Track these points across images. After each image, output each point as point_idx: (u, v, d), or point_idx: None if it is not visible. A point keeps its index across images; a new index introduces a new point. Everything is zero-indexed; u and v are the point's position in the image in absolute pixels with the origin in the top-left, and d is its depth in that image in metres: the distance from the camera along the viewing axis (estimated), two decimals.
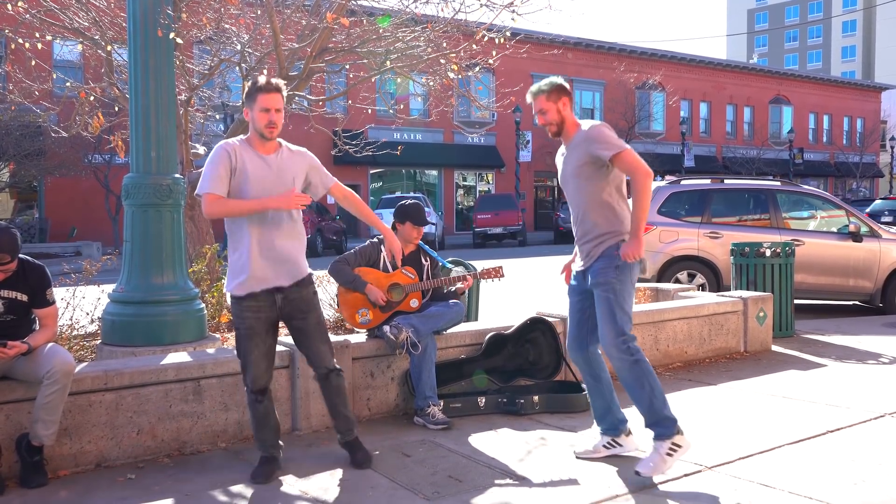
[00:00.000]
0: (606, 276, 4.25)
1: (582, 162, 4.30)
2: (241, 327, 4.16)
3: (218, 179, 4.03)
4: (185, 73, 8.13)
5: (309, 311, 4.25)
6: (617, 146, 4.21)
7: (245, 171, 4.08)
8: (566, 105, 4.37)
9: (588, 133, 4.29)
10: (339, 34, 7.87)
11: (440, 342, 5.49)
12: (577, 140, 4.34)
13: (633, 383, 4.23)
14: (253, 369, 4.18)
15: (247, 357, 4.18)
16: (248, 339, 4.15)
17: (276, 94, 4.08)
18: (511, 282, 5.76)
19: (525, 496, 3.94)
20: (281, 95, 4.11)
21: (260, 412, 4.24)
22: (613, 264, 4.26)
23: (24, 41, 7.77)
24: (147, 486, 4.11)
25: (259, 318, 4.15)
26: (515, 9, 7.19)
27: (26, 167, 25.07)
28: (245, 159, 4.10)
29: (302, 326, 4.25)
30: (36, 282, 4.24)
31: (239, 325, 4.18)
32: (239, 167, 4.08)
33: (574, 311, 4.51)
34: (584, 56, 41.23)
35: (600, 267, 4.29)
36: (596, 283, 4.29)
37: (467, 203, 39.02)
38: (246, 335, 4.15)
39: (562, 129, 4.39)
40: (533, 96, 4.42)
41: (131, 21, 5.68)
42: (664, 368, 6.76)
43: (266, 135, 4.09)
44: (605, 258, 4.30)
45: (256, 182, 4.08)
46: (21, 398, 4.18)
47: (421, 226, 5.45)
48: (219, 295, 7.22)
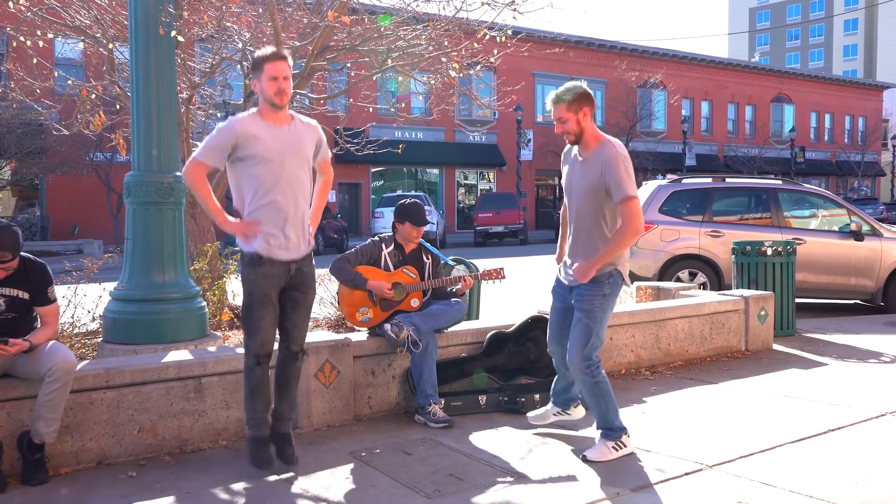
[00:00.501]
0: (592, 302, 4.39)
1: (595, 183, 4.32)
2: (255, 292, 4.12)
3: (210, 150, 4.07)
4: (186, 71, 8.13)
5: (311, 288, 4.31)
6: (628, 193, 4.22)
7: (258, 139, 4.06)
8: (587, 115, 4.34)
9: (609, 162, 4.24)
10: (341, 32, 7.87)
11: (441, 341, 5.49)
12: (596, 158, 4.32)
13: (591, 399, 4.53)
14: (262, 333, 4.14)
15: (257, 322, 4.12)
16: (261, 306, 4.12)
17: (283, 62, 4.08)
18: (512, 280, 5.76)
19: (526, 494, 3.94)
20: (287, 64, 4.11)
21: (257, 378, 4.19)
22: (601, 292, 4.40)
23: (26, 39, 7.76)
24: (148, 484, 4.11)
25: (273, 285, 4.14)
26: (517, 7, 7.19)
27: (28, 165, 25.11)
28: (255, 130, 4.08)
29: (300, 300, 4.26)
30: (37, 280, 4.24)
31: (252, 290, 4.13)
32: (244, 138, 4.05)
33: (556, 310, 4.69)
34: (585, 54, 41.21)
35: (588, 292, 4.40)
36: (579, 307, 4.42)
37: (468, 202, 39.02)
38: (259, 301, 4.11)
39: (580, 139, 4.38)
40: (553, 104, 4.37)
41: (133, 19, 5.67)
42: (665, 367, 6.76)
43: (276, 102, 4.08)
44: (594, 284, 4.40)
45: (270, 149, 4.07)
46: (22, 396, 4.18)
47: (420, 226, 5.45)
48: (220, 293, 7.22)
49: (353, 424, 5.12)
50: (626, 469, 4.28)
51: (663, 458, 4.44)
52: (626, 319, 6.67)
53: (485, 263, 6.45)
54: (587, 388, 4.47)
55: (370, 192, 35.65)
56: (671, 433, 4.89)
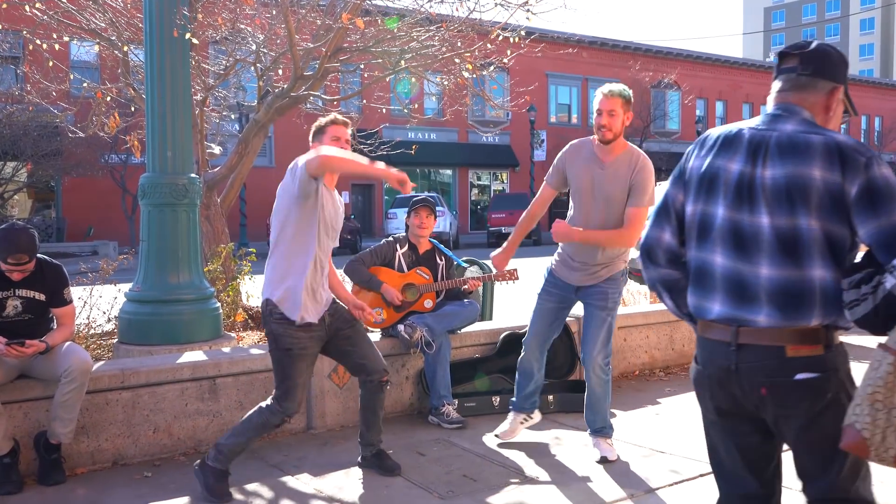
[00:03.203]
0: (615, 300, 4.45)
1: (621, 189, 4.31)
2: (295, 347, 3.90)
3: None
4: (200, 73, 8.16)
5: (354, 320, 4.22)
6: (647, 203, 4.29)
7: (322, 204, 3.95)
8: (629, 120, 4.36)
9: (645, 168, 4.31)
10: (354, 34, 7.87)
11: (455, 341, 5.49)
12: (625, 163, 4.33)
13: (602, 397, 4.51)
14: (298, 393, 3.93)
15: (294, 379, 3.91)
16: (300, 360, 3.92)
17: (345, 127, 4.10)
18: (526, 281, 5.75)
19: (539, 495, 3.94)
20: (348, 130, 4.12)
21: (272, 429, 4.08)
22: (619, 289, 4.47)
23: (42, 42, 7.82)
24: (163, 484, 4.13)
25: (313, 337, 3.97)
26: (530, 8, 7.17)
27: (44, 167, 25.26)
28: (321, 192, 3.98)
29: (352, 335, 4.15)
30: (53, 281, 4.27)
31: (291, 345, 3.89)
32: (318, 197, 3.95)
33: (548, 311, 4.58)
34: (598, 55, 41.11)
35: (609, 290, 4.43)
36: (601, 306, 4.42)
37: (482, 202, 38.99)
38: (299, 356, 3.91)
39: (615, 140, 4.34)
40: (610, 95, 4.30)
41: (147, 22, 5.71)
42: (680, 368, 6.73)
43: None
44: (612, 281, 4.43)
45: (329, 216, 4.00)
46: (39, 396, 4.21)
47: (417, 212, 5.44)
48: (234, 294, 7.25)
49: None
50: (640, 470, 4.27)
51: (677, 460, 4.42)
52: (641, 320, 6.64)
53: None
54: (601, 387, 4.47)
55: (383, 194, 35.69)
56: (685, 434, 4.87)
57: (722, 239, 2.22)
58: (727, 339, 2.19)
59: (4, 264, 4.03)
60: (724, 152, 2.25)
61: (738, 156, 2.22)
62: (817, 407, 2.13)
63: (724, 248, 2.22)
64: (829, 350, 2.14)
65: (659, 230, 2.39)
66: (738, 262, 2.19)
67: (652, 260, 2.42)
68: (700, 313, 2.29)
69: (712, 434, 2.38)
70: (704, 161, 2.29)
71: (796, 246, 2.11)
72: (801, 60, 2.26)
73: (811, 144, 2.13)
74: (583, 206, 4.42)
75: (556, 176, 4.55)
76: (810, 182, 2.10)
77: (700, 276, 2.28)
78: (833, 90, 2.27)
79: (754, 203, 2.17)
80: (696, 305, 2.30)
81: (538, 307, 4.62)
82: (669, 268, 2.39)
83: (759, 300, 2.16)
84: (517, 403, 4.77)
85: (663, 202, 2.39)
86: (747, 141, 2.23)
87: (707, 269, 2.26)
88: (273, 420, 3.96)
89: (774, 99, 2.31)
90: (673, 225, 2.37)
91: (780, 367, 2.13)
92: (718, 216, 2.23)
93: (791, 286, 2.12)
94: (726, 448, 2.34)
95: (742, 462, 2.31)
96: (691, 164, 2.34)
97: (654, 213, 2.42)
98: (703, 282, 2.27)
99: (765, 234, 2.15)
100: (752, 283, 2.17)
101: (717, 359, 2.23)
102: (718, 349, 2.22)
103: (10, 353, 3.94)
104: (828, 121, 2.27)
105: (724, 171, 2.23)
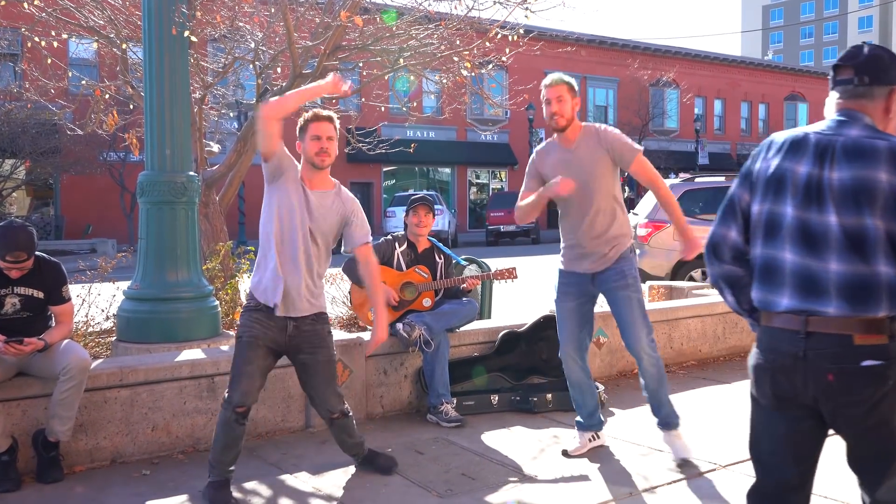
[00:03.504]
0: (634, 275, 4.37)
1: (600, 159, 4.30)
2: (245, 335, 3.89)
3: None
4: (199, 70, 8.15)
5: (319, 347, 4.00)
6: (637, 147, 4.34)
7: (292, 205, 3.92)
8: (577, 105, 4.37)
9: (608, 132, 4.35)
10: (353, 32, 7.87)
11: (453, 340, 5.49)
12: (589, 139, 4.34)
13: (660, 380, 4.39)
14: (245, 381, 3.83)
15: (241, 367, 3.85)
16: (248, 348, 3.86)
17: (328, 123, 3.98)
18: (524, 280, 5.76)
19: (538, 494, 3.94)
20: (333, 125, 3.99)
21: (235, 434, 3.86)
22: (634, 265, 4.42)
23: (41, 40, 7.81)
24: (162, 483, 4.13)
25: (267, 333, 3.90)
26: (529, 6, 7.17)
27: (42, 165, 25.25)
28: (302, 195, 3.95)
29: (307, 362, 3.99)
30: (52, 279, 4.27)
31: (242, 333, 3.91)
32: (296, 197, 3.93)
33: (574, 313, 4.47)
34: (597, 53, 41.09)
35: (625, 268, 4.37)
36: (623, 285, 4.34)
37: (480, 200, 38.99)
38: (248, 343, 3.87)
39: (568, 126, 4.34)
40: (554, 83, 4.31)
41: (146, 19, 5.70)
42: (678, 367, 6.74)
43: (317, 163, 3.95)
44: (625, 260, 4.39)
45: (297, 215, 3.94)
46: (37, 394, 4.21)
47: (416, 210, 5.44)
48: (233, 292, 7.24)
49: (366, 424, 5.12)
50: (638, 469, 4.27)
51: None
52: None
53: (497, 263, 6.45)
54: (656, 366, 4.35)
55: (382, 192, 35.68)
56: (684, 433, 4.87)
57: (791, 236, 2.33)
58: (796, 327, 2.30)
59: (3, 262, 4.03)
60: (792, 155, 2.37)
61: (805, 158, 2.35)
62: (879, 393, 2.24)
63: (793, 245, 2.33)
64: (892, 340, 2.25)
65: (725, 228, 2.50)
66: (808, 258, 2.30)
67: (717, 256, 2.52)
68: (767, 306, 2.39)
69: (760, 420, 2.51)
70: (771, 163, 2.41)
71: (863, 244, 2.23)
72: (856, 72, 2.40)
73: (877, 149, 2.26)
74: (568, 199, 4.37)
75: (533, 180, 4.50)
76: (876, 185, 2.23)
77: (767, 271, 2.39)
78: (890, 92, 2.40)
79: (822, 203, 2.29)
80: (763, 299, 2.40)
81: (560, 312, 4.51)
82: (734, 264, 2.50)
83: (828, 294, 2.27)
84: (581, 423, 4.60)
85: (729, 201, 2.50)
86: (814, 145, 2.35)
87: (775, 265, 2.37)
88: (226, 414, 3.84)
89: (836, 106, 2.43)
90: (739, 223, 2.48)
91: (848, 354, 2.24)
92: (787, 215, 2.35)
93: (859, 280, 2.24)
94: (773, 435, 2.45)
95: (786, 450, 2.43)
96: (758, 166, 2.46)
97: (721, 212, 2.53)
98: (771, 277, 2.38)
99: (833, 232, 2.26)
100: (822, 277, 2.28)
101: (785, 346, 2.32)
102: (786, 337, 2.32)
103: (8, 350, 3.94)
104: (888, 121, 2.41)
105: (792, 172, 2.35)
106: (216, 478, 3.87)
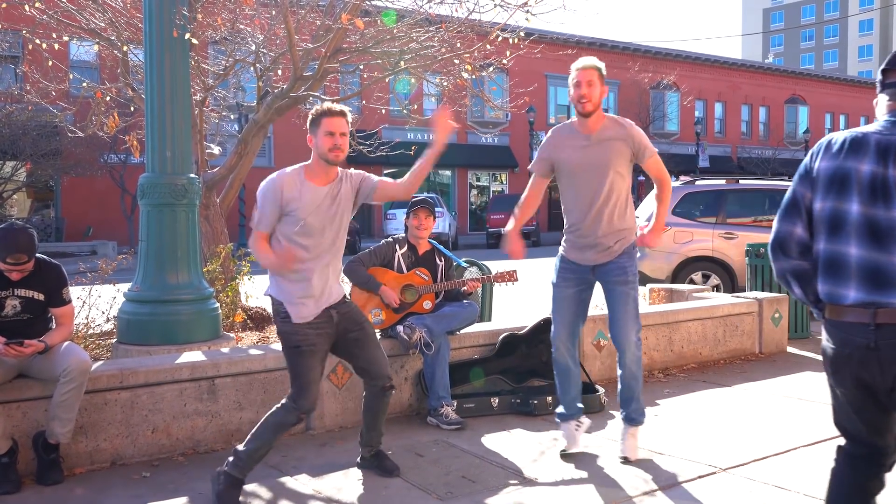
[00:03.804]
0: (634, 272, 4.40)
1: (622, 151, 4.33)
2: (304, 345, 3.88)
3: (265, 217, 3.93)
4: (200, 73, 8.16)
5: (364, 321, 4.15)
6: (653, 148, 4.43)
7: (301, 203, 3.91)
8: (605, 93, 4.37)
9: (633, 126, 4.40)
10: (354, 34, 7.88)
11: (453, 342, 5.49)
12: (612, 131, 4.35)
13: (639, 376, 4.44)
14: (313, 388, 3.91)
15: (306, 376, 3.88)
16: (310, 356, 3.89)
17: (342, 118, 3.94)
18: (525, 282, 5.76)
19: (537, 497, 3.94)
20: (346, 120, 3.97)
21: (288, 429, 3.99)
22: (635, 262, 4.45)
23: (42, 42, 7.82)
24: (162, 485, 4.13)
25: (321, 334, 3.93)
26: (529, 9, 7.17)
27: (43, 167, 25.24)
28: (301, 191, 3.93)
29: (360, 337, 4.08)
30: (52, 281, 4.27)
31: (300, 343, 3.88)
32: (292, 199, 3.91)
33: (572, 300, 4.48)
34: (598, 56, 39.55)
35: (626, 264, 4.39)
36: (623, 280, 4.36)
37: (481, 203, 38.99)
38: (308, 352, 3.89)
39: (594, 111, 4.32)
40: (585, 67, 4.29)
41: (147, 22, 5.71)
42: (678, 369, 6.73)
43: (331, 159, 3.92)
44: (627, 255, 4.41)
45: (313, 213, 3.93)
46: (38, 396, 4.21)
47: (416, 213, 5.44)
48: (233, 294, 7.25)
49: None
50: (638, 472, 4.27)
51: (676, 461, 4.42)
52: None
53: (497, 265, 6.45)
54: (637, 363, 4.38)
55: None
56: (684, 436, 4.87)
57: (857, 232, 2.44)
58: (866, 320, 2.40)
59: (3, 264, 4.03)
60: (853, 154, 2.48)
61: (867, 157, 2.45)
62: None
63: (858, 240, 2.43)
64: None
65: (790, 225, 2.60)
66: (875, 252, 2.40)
67: (784, 252, 2.63)
68: (834, 300, 2.49)
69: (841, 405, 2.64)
70: (833, 163, 2.51)
71: None
72: None
73: None
74: (579, 186, 4.37)
75: (542, 164, 4.54)
76: None
77: (832, 265, 2.49)
78: None
79: (889, 199, 2.40)
80: (830, 292, 2.50)
81: (557, 297, 4.49)
82: (801, 259, 2.61)
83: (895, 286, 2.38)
84: (563, 413, 4.59)
85: (792, 199, 2.60)
86: (874, 144, 2.46)
87: (841, 260, 2.47)
88: (289, 419, 3.91)
89: (887, 108, 2.55)
90: (804, 220, 2.58)
91: None
92: (852, 212, 2.45)
93: None
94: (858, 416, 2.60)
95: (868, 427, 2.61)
96: (818, 165, 2.56)
97: (784, 209, 2.62)
98: (837, 271, 2.48)
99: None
100: (889, 270, 2.39)
101: (856, 339, 2.43)
102: (857, 330, 2.43)
103: (8, 353, 3.94)
104: None
105: (856, 171, 2.46)
106: (238, 474, 3.88)
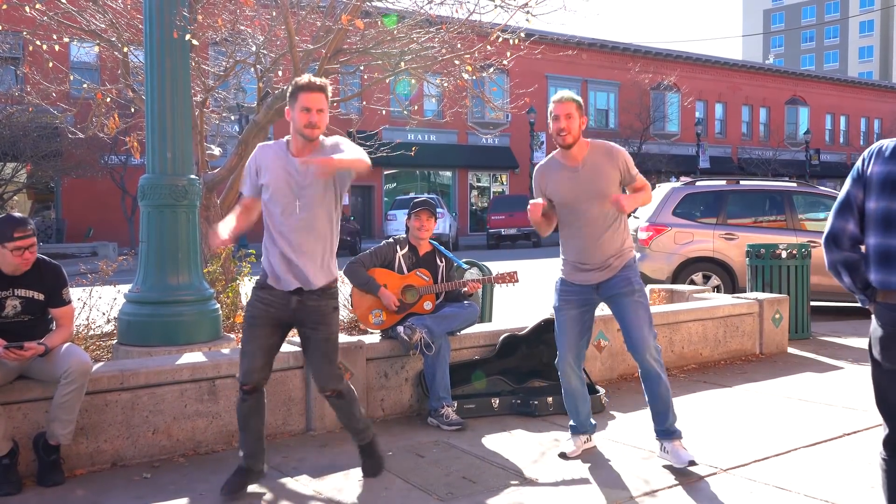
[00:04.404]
0: (638, 281, 4.41)
1: (612, 178, 4.34)
2: (248, 315, 4.01)
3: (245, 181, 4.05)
4: (200, 74, 8.16)
5: (320, 324, 3.99)
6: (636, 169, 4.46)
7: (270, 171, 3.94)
8: (584, 124, 4.39)
9: (621, 152, 4.42)
10: (354, 35, 7.88)
11: (454, 343, 5.49)
12: (598, 157, 4.36)
13: (665, 387, 4.36)
14: (247, 360, 3.94)
15: (244, 346, 3.98)
16: (249, 328, 3.98)
17: (319, 94, 3.88)
18: (525, 283, 5.76)
19: (538, 497, 3.94)
20: (324, 95, 3.91)
21: (243, 411, 3.98)
22: (638, 273, 4.46)
23: (42, 43, 7.82)
24: (162, 486, 4.13)
25: (268, 311, 3.96)
26: (530, 10, 7.17)
27: (43, 168, 25.25)
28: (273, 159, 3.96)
29: (309, 336, 4.01)
30: (52, 281, 4.27)
31: (248, 310, 4.04)
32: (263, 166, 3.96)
33: (575, 322, 4.45)
34: (598, 57, 41.12)
35: (630, 275, 4.39)
36: (630, 291, 4.35)
37: (481, 204, 39.00)
38: (249, 323, 3.99)
39: (575, 143, 4.35)
40: (564, 101, 4.31)
41: (147, 23, 5.71)
42: (679, 370, 6.73)
43: (306, 135, 3.89)
44: (629, 268, 4.42)
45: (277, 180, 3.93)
46: (38, 397, 4.21)
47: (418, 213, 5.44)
48: (234, 295, 7.25)
49: None
50: (639, 472, 4.27)
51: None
52: None
53: (498, 266, 6.46)
54: (660, 373, 4.31)
55: (383, 195, 35.69)
56: (685, 437, 4.86)
57: None
58: None
59: (12, 247, 4.01)
60: None
61: None
62: None
63: None
64: None
65: (843, 221, 2.89)
66: None
67: (837, 245, 2.91)
68: (886, 286, 2.79)
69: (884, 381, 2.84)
70: (886, 167, 2.79)
71: None
72: None
73: None
74: (574, 214, 4.39)
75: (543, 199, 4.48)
76: None
77: (885, 257, 2.79)
78: None
79: None
80: (883, 280, 2.80)
81: (561, 321, 4.47)
82: (852, 251, 2.90)
83: None
84: (577, 427, 4.61)
85: (846, 198, 2.89)
86: None
87: (893, 252, 2.77)
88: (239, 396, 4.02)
89: None
90: (856, 217, 2.87)
91: None
92: None
93: None
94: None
95: None
96: (871, 169, 2.83)
97: (838, 207, 2.90)
98: (889, 262, 2.78)
99: None
100: None
101: None
102: None
103: (8, 356, 3.94)
104: None
105: None
106: (238, 462, 4.03)
